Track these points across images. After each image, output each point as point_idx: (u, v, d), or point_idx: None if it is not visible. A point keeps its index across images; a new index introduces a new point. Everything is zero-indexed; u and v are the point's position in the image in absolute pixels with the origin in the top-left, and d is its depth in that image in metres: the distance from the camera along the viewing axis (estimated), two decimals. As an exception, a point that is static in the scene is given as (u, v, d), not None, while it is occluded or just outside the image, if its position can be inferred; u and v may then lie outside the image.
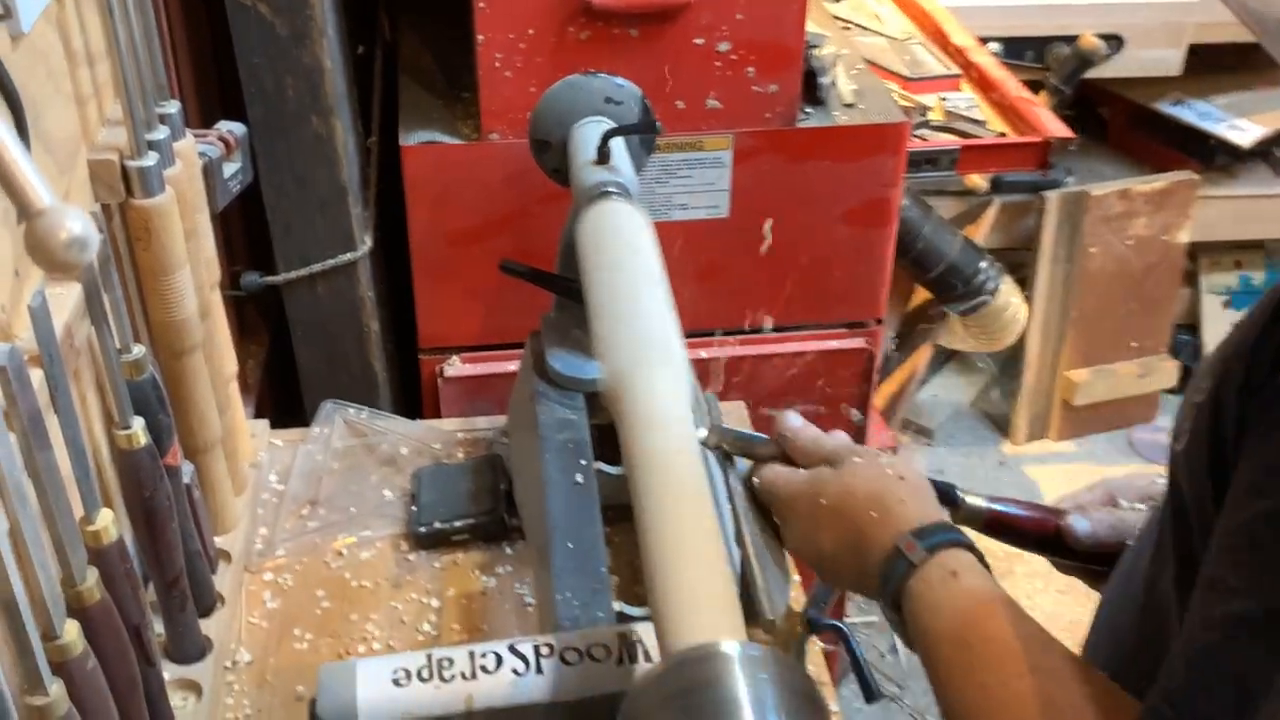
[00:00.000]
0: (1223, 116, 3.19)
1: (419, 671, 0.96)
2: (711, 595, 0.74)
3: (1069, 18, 2.97)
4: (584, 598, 1.08)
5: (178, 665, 1.15)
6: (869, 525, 0.86)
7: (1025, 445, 3.33)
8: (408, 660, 0.97)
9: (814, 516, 0.90)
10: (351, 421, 1.55)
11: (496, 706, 0.95)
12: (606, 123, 1.31)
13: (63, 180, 1.03)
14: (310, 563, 1.34)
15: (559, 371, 1.29)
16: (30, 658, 0.77)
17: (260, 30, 1.54)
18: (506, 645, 0.99)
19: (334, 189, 1.67)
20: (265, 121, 1.59)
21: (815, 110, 1.76)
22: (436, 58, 1.88)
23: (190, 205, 1.17)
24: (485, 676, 0.96)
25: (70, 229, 0.62)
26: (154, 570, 1.09)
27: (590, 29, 1.58)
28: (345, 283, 1.75)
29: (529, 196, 1.64)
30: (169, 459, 1.10)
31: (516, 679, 0.96)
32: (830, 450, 0.93)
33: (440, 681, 0.96)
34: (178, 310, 1.15)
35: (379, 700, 0.95)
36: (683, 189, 1.71)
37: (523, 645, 0.99)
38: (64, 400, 0.87)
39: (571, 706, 0.96)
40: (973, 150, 2.34)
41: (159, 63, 1.12)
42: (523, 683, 0.96)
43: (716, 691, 0.66)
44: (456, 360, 1.79)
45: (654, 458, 0.85)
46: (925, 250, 2.38)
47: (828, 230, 1.77)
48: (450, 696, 0.95)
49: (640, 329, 0.96)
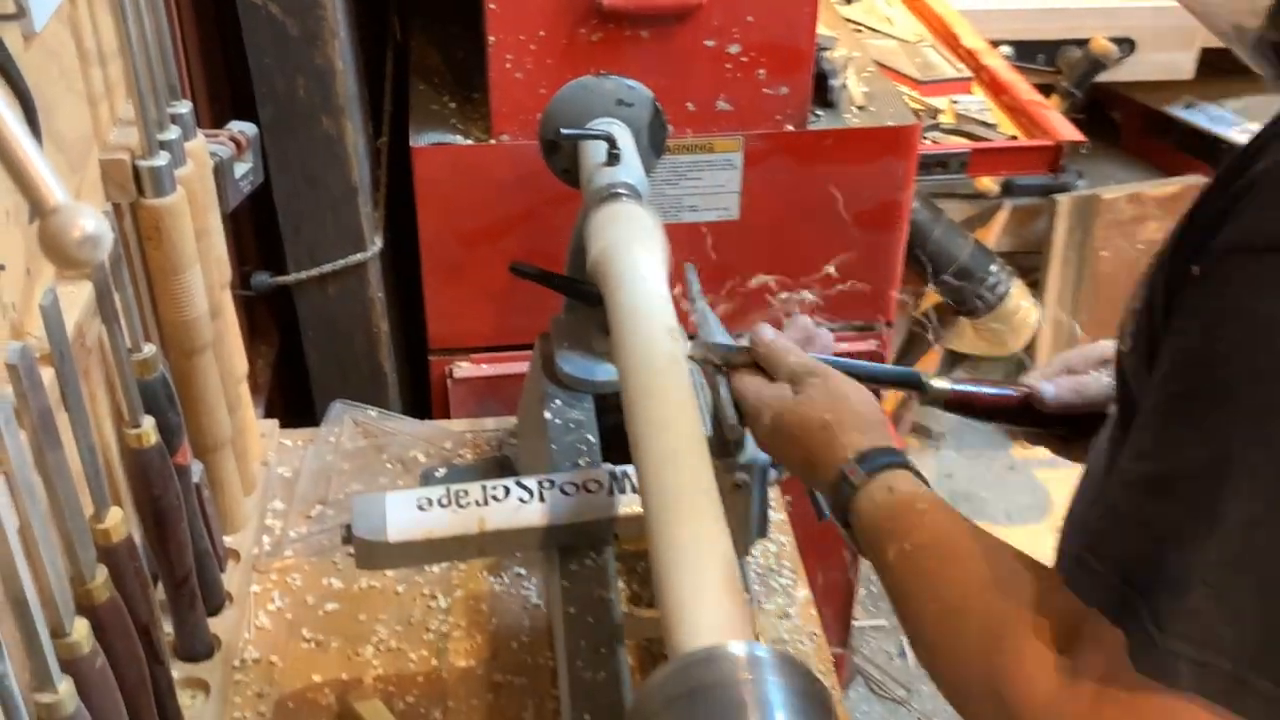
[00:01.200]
0: (1234, 120, 3.18)
1: (439, 499, 1.10)
2: (719, 597, 0.74)
3: (1080, 21, 2.97)
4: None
5: (186, 663, 1.16)
6: (819, 449, 0.94)
7: (1034, 449, 3.31)
8: (430, 492, 1.11)
9: (774, 435, 0.98)
10: (361, 422, 1.55)
11: (504, 528, 1.09)
12: (618, 124, 1.31)
13: (74, 179, 1.03)
14: (319, 562, 1.34)
15: (568, 373, 1.29)
16: (40, 655, 0.77)
17: (272, 30, 1.54)
18: (514, 480, 1.13)
19: (345, 189, 1.67)
20: (276, 122, 1.60)
21: (826, 113, 1.76)
22: (447, 59, 1.88)
23: (201, 205, 1.17)
24: (495, 504, 1.10)
25: (84, 227, 0.62)
26: (163, 569, 1.10)
27: (601, 31, 1.58)
28: (355, 283, 1.75)
29: (539, 198, 1.64)
30: (179, 458, 1.10)
31: (522, 505, 1.10)
32: (791, 367, 1.00)
33: (457, 507, 1.09)
34: (188, 309, 1.15)
35: (406, 522, 1.08)
36: (693, 191, 1.71)
37: (528, 480, 1.13)
38: (74, 399, 0.87)
39: (568, 528, 1.10)
40: (983, 153, 2.34)
41: (170, 63, 1.13)
42: (527, 509, 1.10)
43: (723, 693, 0.66)
44: (466, 361, 1.79)
45: (663, 457, 0.85)
46: (935, 253, 2.37)
47: (838, 233, 1.77)
48: (466, 519, 1.09)
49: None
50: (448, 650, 1.24)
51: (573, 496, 1.11)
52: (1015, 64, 2.70)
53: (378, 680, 1.20)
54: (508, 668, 1.22)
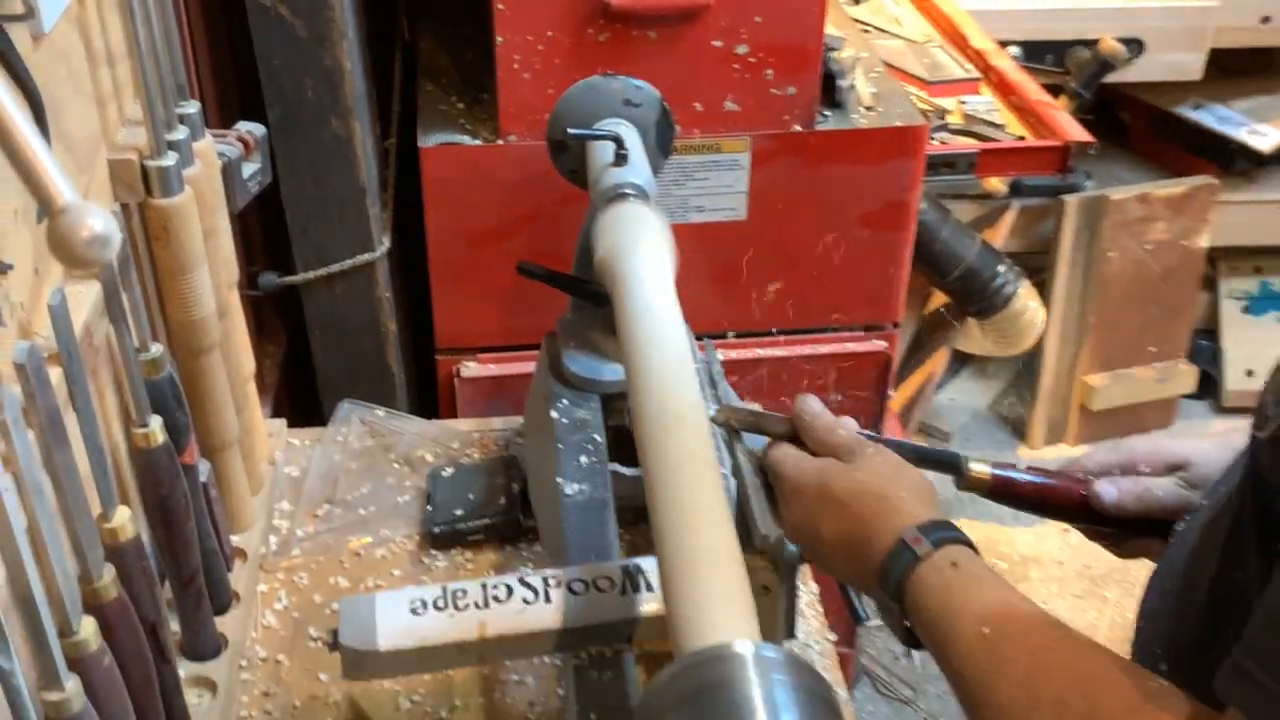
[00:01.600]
0: (1243, 121, 3.17)
1: (434, 601, 1.02)
2: (726, 596, 0.74)
3: (1089, 21, 2.96)
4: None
5: (193, 662, 1.16)
6: (873, 518, 0.88)
7: (1042, 450, 3.31)
8: (424, 592, 1.02)
9: (819, 504, 0.92)
10: (368, 421, 1.55)
11: (507, 633, 1.01)
12: (626, 125, 1.31)
13: (82, 179, 1.03)
14: (325, 562, 1.34)
15: (575, 373, 1.29)
16: (47, 653, 0.77)
17: (280, 31, 1.54)
18: (516, 578, 1.04)
19: (352, 190, 1.67)
20: (284, 122, 1.60)
21: (834, 113, 1.76)
22: (455, 59, 1.88)
23: (209, 205, 1.17)
24: (497, 605, 1.02)
25: (92, 226, 0.62)
26: (170, 568, 1.10)
27: (609, 31, 1.58)
28: (363, 283, 1.75)
29: (546, 198, 1.65)
30: (186, 457, 1.10)
31: (526, 607, 1.02)
32: (842, 441, 0.95)
33: (455, 610, 1.01)
34: (196, 309, 1.15)
35: (397, 629, 1.00)
36: (700, 191, 1.71)
37: (531, 578, 1.04)
38: (82, 398, 0.87)
39: (578, 632, 1.01)
40: (991, 154, 2.33)
41: (179, 63, 1.13)
42: (532, 610, 1.02)
43: (730, 693, 0.66)
44: (473, 361, 1.79)
45: (670, 457, 0.85)
46: (943, 254, 2.37)
47: (845, 233, 1.77)
48: (464, 624, 1.01)
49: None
50: (454, 650, 1.24)
51: (582, 596, 1.03)
52: (1024, 64, 2.69)
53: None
54: (514, 666, 1.22)
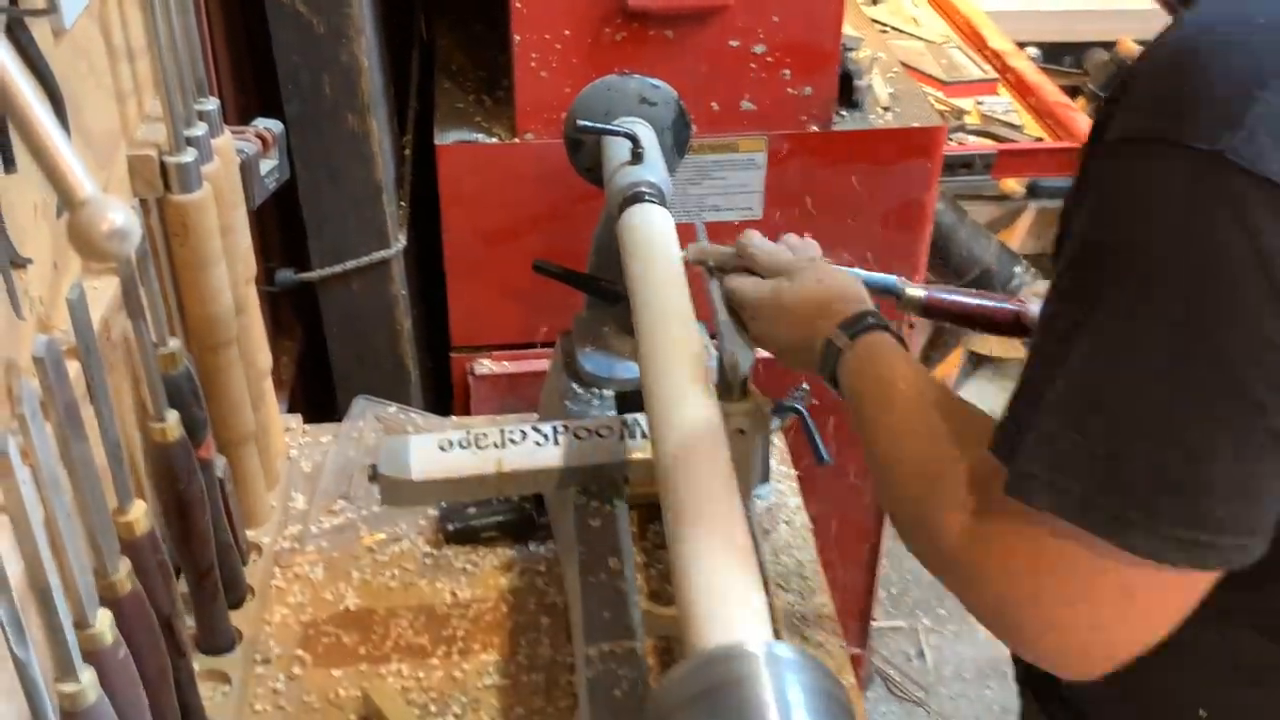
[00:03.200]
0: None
1: (460, 441, 1.18)
2: (738, 595, 0.74)
3: (1108, 23, 2.95)
4: (611, 600, 1.09)
5: (208, 656, 1.16)
6: (812, 321, 1.07)
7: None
8: (451, 434, 1.18)
9: (774, 317, 1.10)
10: (383, 418, 1.55)
11: (521, 469, 1.16)
12: (642, 123, 1.31)
13: (102, 175, 1.04)
14: (340, 557, 1.34)
15: (589, 371, 1.30)
16: (63, 646, 0.77)
17: (298, 28, 1.55)
18: (530, 425, 1.20)
19: (369, 187, 1.67)
20: (302, 119, 1.61)
21: (851, 113, 1.76)
22: (472, 57, 1.89)
23: (227, 201, 1.18)
24: (513, 446, 1.18)
25: (112, 220, 0.62)
26: (186, 562, 1.10)
27: (626, 30, 1.58)
28: (379, 280, 1.76)
29: (562, 196, 1.65)
30: (202, 452, 1.11)
31: (538, 448, 1.18)
32: (785, 263, 1.13)
33: (477, 449, 1.17)
34: (213, 305, 1.16)
35: (429, 461, 1.16)
36: (716, 190, 1.71)
37: (543, 425, 1.20)
38: (100, 392, 0.88)
39: (581, 470, 1.17)
40: (1009, 155, 2.33)
41: (198, 60, 1.13)
42: (543, 451, 1.18)
43: (742, 691, 0.66)
44: (487, 359, 1.80)
45: (682, 444, 0.86)
46: (960, 255, 2.37)
47: (862, 233, 1.77)
48: (485, 459, 1.16)
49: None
50: (468, 646, 1.24)
51: (586, 440, 1.18)
52: (1042, 66, 2.68)
53: (398, 674, 1.21)
54: (526, 663, 1.22)
